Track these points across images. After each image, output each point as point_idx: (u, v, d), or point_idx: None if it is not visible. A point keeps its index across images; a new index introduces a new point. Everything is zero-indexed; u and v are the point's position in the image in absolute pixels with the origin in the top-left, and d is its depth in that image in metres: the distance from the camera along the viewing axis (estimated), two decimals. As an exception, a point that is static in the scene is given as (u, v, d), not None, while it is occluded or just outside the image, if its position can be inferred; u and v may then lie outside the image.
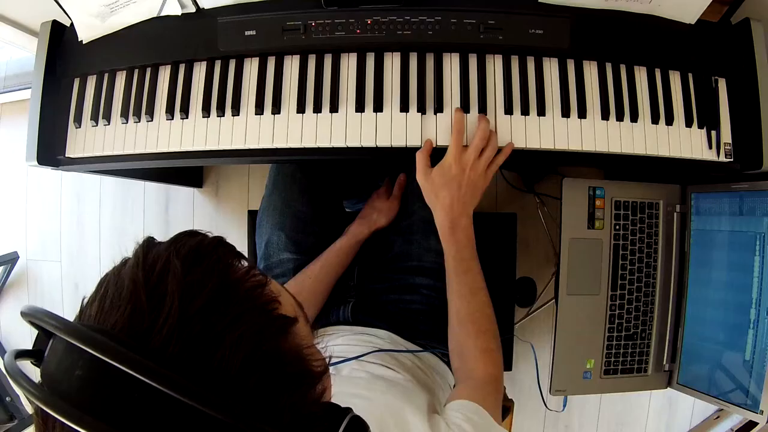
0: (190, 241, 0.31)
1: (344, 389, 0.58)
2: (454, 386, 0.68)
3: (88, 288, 0.31)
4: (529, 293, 1.02)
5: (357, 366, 0.66)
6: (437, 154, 0.71)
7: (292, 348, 0.32)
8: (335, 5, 0.72)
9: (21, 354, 0.29)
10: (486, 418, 0.55)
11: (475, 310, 0.68)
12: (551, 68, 0.73)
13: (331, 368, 0.65)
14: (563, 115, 0.72)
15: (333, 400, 0.49)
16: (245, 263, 0.33)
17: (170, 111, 0.75)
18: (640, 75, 0.74)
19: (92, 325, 0.28)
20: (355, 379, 0.63)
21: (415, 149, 0.71)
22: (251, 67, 0.75)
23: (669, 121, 0.73)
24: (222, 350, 0.27)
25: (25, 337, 1.70)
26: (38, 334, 0.29)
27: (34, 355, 0.29)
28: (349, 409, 0.36)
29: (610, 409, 1.45)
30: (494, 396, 0.64)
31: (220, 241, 0.33)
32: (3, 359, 1.55)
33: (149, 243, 0.32)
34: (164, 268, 0.29)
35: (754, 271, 0.79)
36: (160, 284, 0.28)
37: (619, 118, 0.72)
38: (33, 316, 0.28)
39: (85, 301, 0.30)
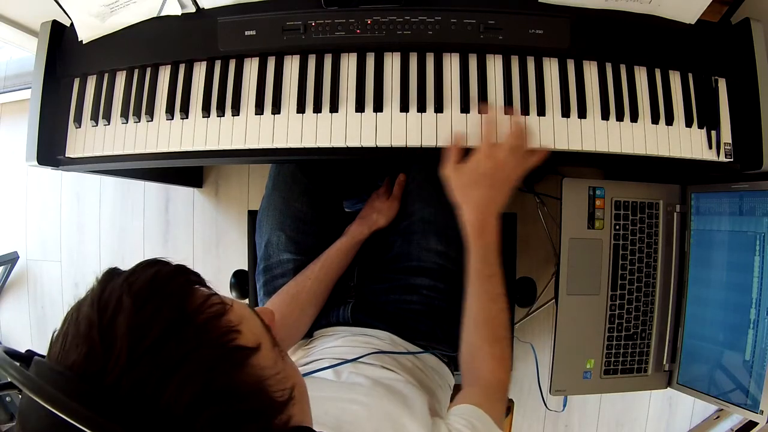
0: (144, 275, 0.31)
1: (343, 395, 0.57)
2: (461, 388, 0.67)
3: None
4: (529, 293, 1.01)
5: (356, 369, 0.66)
6: (426, 154, 0.70)
7: (250, 381, 0.31)
8: (335, 5, 0.72)
9: (3, 387, 0.31)
10: (489, 425, 0.55)
11: (493, 316, 0.67)
12: (551, 68, 0.73)
13: (330, 371, 0.65)
14: (563, 115, 0.72)
15: (331, 406, 0.49)
16: (206, 290, 0.33)
17: (170, 111, 0.75)
18: (640, 75, 0.74)
19: (53, 365, 0.29)
20: (355, 384, 0.62)
21: (415, 149, 0.71)
22: (251, 67, 0.75)
23: (669, 121, 0.73)
24: (169, 391, 0.27)
25: (25, 337, 1.70)
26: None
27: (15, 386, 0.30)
28: None
29: (610, 409, 1.45)
30: (500, 403, 0.63)
31: (178, 270, 0.33)
32: None
33: (107, 277, 0.31)
34: (116, 306, 0.29)
35: (754, 271, 0.79)
36: (112, 324, 0.28)
37: (619, 118, 0.72)
38: None
39: (54, 335, 0.31)
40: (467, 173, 0.66)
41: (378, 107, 0.71)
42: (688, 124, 0.73)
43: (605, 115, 0.72)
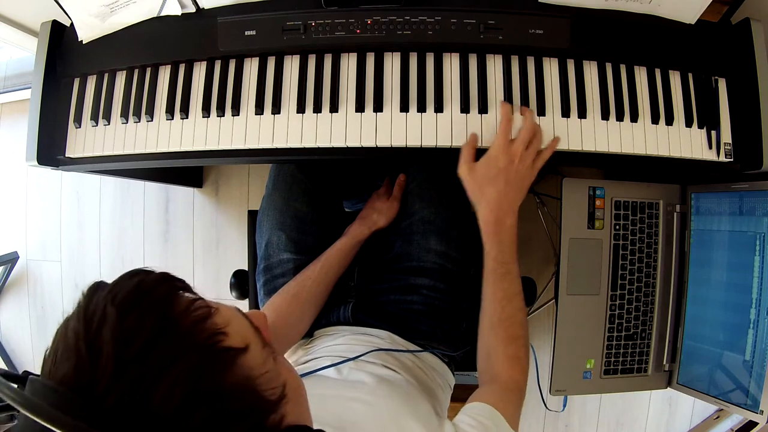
0: (128, 284, 0.31)
1: (345, 393, 0.57)
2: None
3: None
4: (529, 293, 1.01)
5: (357, 367, 0.66)
6: (426, 154, 0.69)
7: (239, 381, 0.31)
8: (335, 5, 0.72)
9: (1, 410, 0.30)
10: (501, 424, 0.54)
11: (509, 315, 0.66)
12: (551, 68, 0.73)
13: (332, 369, 0.65)
14: (563, 115, 0.72)
15: (334, 404, 0.48)
16: (191, 295, 0.33)
17: (170, 111, 0.75)
18: (640, 75, 0.74)
19: (45, 381, 0.29)
20: (357, 382, 0.62)
21: (415, 149, 0.71)
22: (251, 67, 0.75)
23: (669, 121, 0.73)
24: (158, 395, 0.27)
25: (25, 337, 1.70)
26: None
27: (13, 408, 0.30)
28: (319, 431, 0.35)
29: (610, 409, 1.45)
30: (515, 404, 0.62)
31: (162, 277, 0.33)
32: None
33: (92, 290, 0.32)
34: (101, 317, 0.29)
35: (754, 271, 0.79)
36: (98, 334, 0.29)
37: (619, 118, 0.72)
38: None
39: (46, 353, 0.31)
40: (482, 170, 0.66)
41: (378, 107, 0.71)
42: (688, 124, 0.73)
43: (605, 115, 0.72)
